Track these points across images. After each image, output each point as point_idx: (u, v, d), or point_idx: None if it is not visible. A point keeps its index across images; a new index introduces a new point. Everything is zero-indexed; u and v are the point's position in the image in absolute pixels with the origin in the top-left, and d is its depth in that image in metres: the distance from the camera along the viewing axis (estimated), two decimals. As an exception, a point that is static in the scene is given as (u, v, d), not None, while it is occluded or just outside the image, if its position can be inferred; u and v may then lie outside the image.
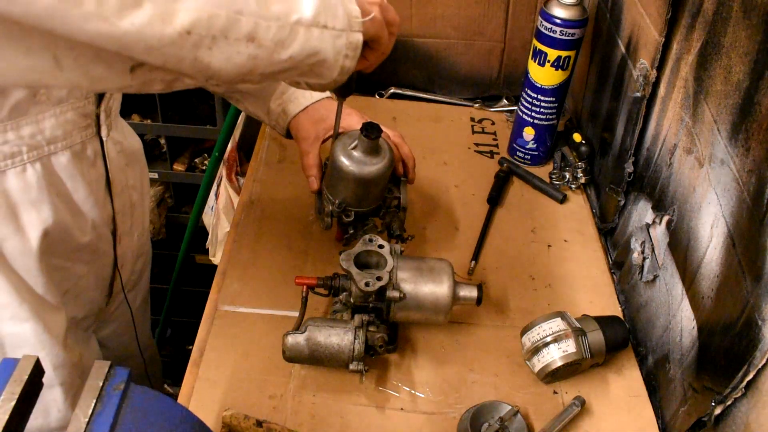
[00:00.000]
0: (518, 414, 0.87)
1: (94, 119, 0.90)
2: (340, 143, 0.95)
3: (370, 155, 0.93)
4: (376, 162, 0.93)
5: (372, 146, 0.92)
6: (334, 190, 0.97)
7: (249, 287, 1.05)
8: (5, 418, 0.54)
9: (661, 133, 1.02)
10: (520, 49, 1.46)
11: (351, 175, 0.93)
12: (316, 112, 1.04)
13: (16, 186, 0.82)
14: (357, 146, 0.93)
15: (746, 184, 0.76)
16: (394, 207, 1.02)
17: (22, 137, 0.81)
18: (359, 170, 0.93)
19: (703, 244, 0.86)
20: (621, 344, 0.97)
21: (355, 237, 1.00)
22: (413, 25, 1.45)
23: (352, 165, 0.93)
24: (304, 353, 0.88)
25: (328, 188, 0.99)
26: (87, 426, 0.55)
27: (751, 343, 0.72)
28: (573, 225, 1.23)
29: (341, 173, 0.94)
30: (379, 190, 0.99)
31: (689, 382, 0.86)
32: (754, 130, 0.75)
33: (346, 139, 0.95)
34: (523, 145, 1.32)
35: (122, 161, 0.99)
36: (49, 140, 0.84)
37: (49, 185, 0.86)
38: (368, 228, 1.01)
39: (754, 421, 0.71)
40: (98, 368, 0.60)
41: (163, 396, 0.65)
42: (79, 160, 0.89)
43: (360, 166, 0.93)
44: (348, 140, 0.94)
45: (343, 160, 0.93)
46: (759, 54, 0.74)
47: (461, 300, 0.94)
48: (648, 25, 1.03)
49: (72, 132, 0.86)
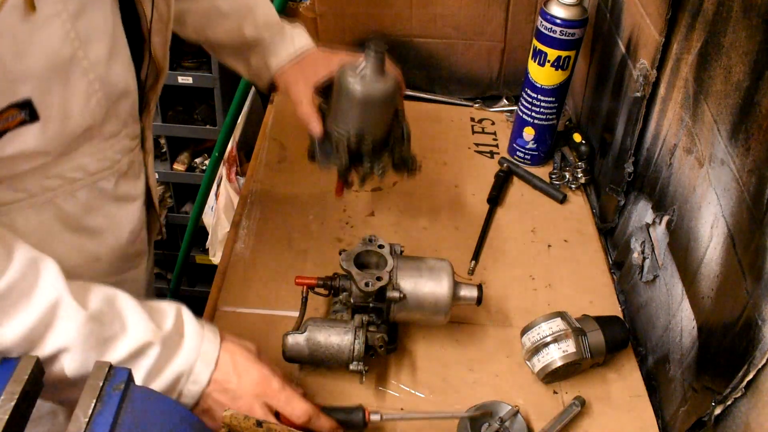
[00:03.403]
0: (518, 414, 0.87)
1: (141, 135, 0.90)
2: (345, 71, 0.92)
3: (380, 74, 0.90)
4: (388, 80, 0.91)
5: (380, 63, 0.90)
6: (344, 122, 0.94)
7: (249, 287, 1.05)
8: (5, 418, 0.54)
9: (661, 133, 1.02)
10: (520, 49, 1.46)
11: (366, 96, 0.90)
12: (300, 60, 1.03)
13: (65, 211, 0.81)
14: (366, 66, 0.90)
15: (746, 184, 0.76)
16: (399, 137, 0.98)
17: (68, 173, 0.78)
18: (374, 90, 0.90)
19: (703, 244, 0.86)
20: (621, 344, 0.97)
21: (371, 172, 0.97)
22: (413, 25, 1.45)
23: (367, 86, 0.90)
24: (304, 353, 0.88)
25: (337, 124, 0.95)
26: (87, 426, 0.55)
27: (751, 343, 0.72)
28: (573, 225, 1.23)
29: (354, 98, 0.91)
30: (390, 114, 0.96)
31: (689, 382, 0.86)
32: (754, 130, 0.75)
33: (349, 67, 0.92)
34: (523, 145, 1.32)
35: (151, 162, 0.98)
36: (99, 170, 0.82)
37: (96, 209, 0.84)
38: (384, 164, 0.97)
39: (754, 421, 0.71)
40: (98, 368, 0.60)
41: (163, 396, 0.65)
42: (124, 177, 0.87)
43: (374, 85, 0.90)
44: (352, 67, 0.91)
45: (355, 85, 0.90)
46: (759, 54, 0.74)
47: (461, 300, 0.94)
48: (648, 25, 1.03)
49: (122, 157, 0.85)
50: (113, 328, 0.70)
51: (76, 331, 0.67)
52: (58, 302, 0.67)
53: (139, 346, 0.70)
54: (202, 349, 0.75)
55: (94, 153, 0.80)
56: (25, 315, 0.65)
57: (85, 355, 0.68)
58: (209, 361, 0.75)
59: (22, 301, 0.65)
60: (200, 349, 0.75)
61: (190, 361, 0.74)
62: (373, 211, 1.21)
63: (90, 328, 0.68)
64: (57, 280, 0.68)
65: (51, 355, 0.67)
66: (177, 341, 0.74)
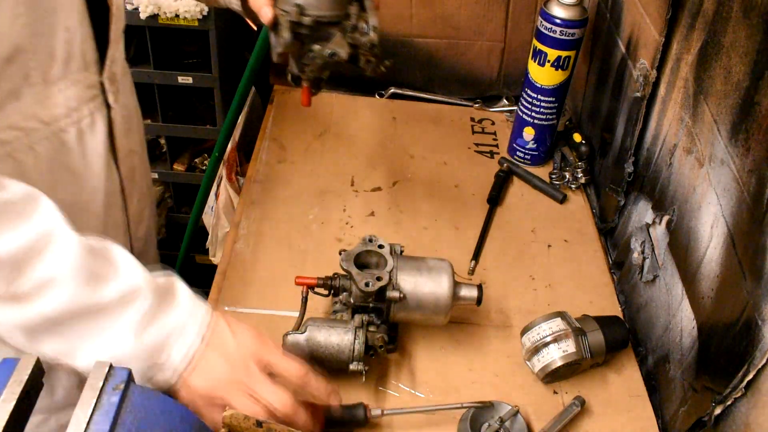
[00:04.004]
0: (518, 414, 0.87)
1: (99, 88, 0.87)
2: None
3: None
4: None
5: None
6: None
7: (249, 287, 1.05)
8: (5, 418, 0.54)
9: (661, 133, 1.02)
10: (520, 49, 1.46)
11: None
12: None
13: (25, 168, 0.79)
14: None
15: (746, 184, 0.76)
16: (361, 29, 0.88)
17: (21, 122, 0.77)
18: None
19: (703, 244, 0.86)
20: (621, 344, 0.97)
21: (320, 56, 0.88)
22: (413, 25, 1.45)
23: None
24: (304, 353, 0.88)
25: (283, 2, 0.86)
26: (87, 426, 0.55)
27: (751, 343, 0.72)
28: (573, 225, 1.23)
29: None
30: None
31: (689, 382, 0.86)
32: (754, 130, 0.75)
33: None
34: (523, 145, 1.32)
35: (125, 126, 0.96)
36: (54, 119, 0.81)
37: (60, 164, 0.83)
38: (333, 43, 0.87)
39: (754, 421, 0.71)
40: (98, 368, 0.60)
41: (163, 396, 0.65)
42: (89, 133, 0.86)
43: None
44: None
45: None
46: (759, 54, 0.74)
47: (461, 300, 0.94)
48: (648, 25, 1.03)
49: (79, 107, 0.84)
50: (105, 268, 0.68)
51: (69, 261, 0.65)
52: (54, 230, 0.66)
53: (130, 289, 0.68)
54: (194, 310, 0.73)
55: (40, 99, 0.78)
56: (18, 233, 0.64)
57: (75, 290, 0.66)
58: (201, 322, 0.73)
59: (17, 220, 0.64)
60: (192, 310, 0.73)
61: (183, 317, 0.72)
62: (373, 211, 1.21)
63: (83, 260, 0.66)
64: (54, 212, 0.67)
65: (40, 284, 0.65)
66: (169, 296, 0.72)
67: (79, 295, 0.66)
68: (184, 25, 1.86)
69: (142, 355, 0.70)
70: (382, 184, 1.27)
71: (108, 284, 0.68)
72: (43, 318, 0.66)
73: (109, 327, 0.69)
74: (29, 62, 0.75)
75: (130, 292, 0.69)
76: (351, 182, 1.26)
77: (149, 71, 1.93)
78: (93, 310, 0.68)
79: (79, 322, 0.68)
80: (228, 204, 1.72)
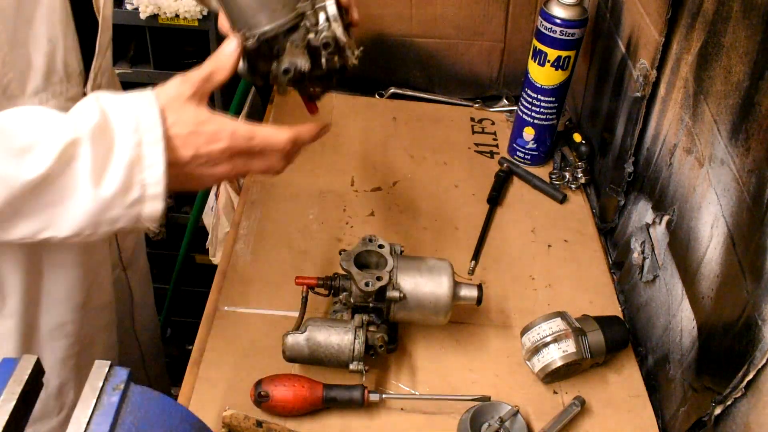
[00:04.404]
0: (518, 414, 0.87)
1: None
2: None
3: None
4: None
5: None
6: (234, 22, 0.74)
7: (249, 287, 1.05)
8: (5, 418, 0.54)
9: (661, 133, 1.02)
10: (520, 49, 1.46)
11: None
12: None
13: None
14: None
15: (746, 184, 0.76)
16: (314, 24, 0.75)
17: None
18: None
19: (703, 244, 0.86)
20: (621, 344, 0.97)
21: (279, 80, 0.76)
22: (413, 25, 1.45)
23: None
24: (304, 353, 0.88)
25: (233, 27, 0.75)
26: (87, 426, 0.55)
27: (751, 343, 0.72)
28: (573, 225, 1.23)
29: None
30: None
31: (689, 382, 0.86)
32: (754, 130, 0.75)
33: None
34: (523, 145, 1.32)
35: None
36: None
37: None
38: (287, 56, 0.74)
39: (754, 421, 0.71)
40: (98, 368, 0.60)
41: (163, 396, 0.65)
42: None
43: None
44: None
45: None
46: (759, 54, 0.74)
47: (461, 300, 0.94)
48: (648, 25, 1.03)
49: None
50: (23, 135, 0.61)
51: None
52: None
53: (63, 147, 0.61)
54: (142, 125, 0.64)
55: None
56: None
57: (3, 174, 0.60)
58: (155, 138, 0.64)
59: None
60: (139, 126, 0.64)
61: (132, 144, 0.64)
62: (373, 211, 1.21)
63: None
64: None
65: None
66: (107, 128, 0.64)
67: (8, 178, 0.60)
68: (184, 25, 1.86)
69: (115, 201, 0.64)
70: (382, 184, 1.27)
71: (35, 154, 0.61)
72: None
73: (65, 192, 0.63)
74: (7, 74, 0.74)
75: (64, 150, 0.61)
76: (351, 182, 1.26)
77: (149, 71, 1.93)
78: (35, 183, 0.61)
79: (31, 200, 0.63)
80: (228, 204, 1.71)
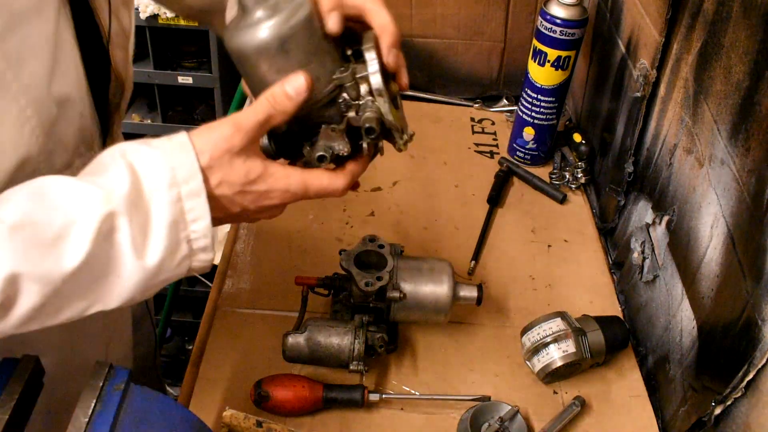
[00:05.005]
0: (518, 414, 0.87)
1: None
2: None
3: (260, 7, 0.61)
4: (278, 12, 0.61)
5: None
6: (256, 94, 0.65)
7: (249, 287, 1.05)
8: (5, 418, 0.54)
9: (661, 133, 1.02)
10: (520, 49, 1.46)
11: (238, 49, 0.62)
12: None
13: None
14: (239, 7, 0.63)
15: (746, 184, 0.76)
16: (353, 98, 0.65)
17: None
18: (245, 35, 0.61)
19: (703, 244, 0.86)
20: (621, 344, 0.97)
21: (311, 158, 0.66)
22: (413, 25, 1.45)
23: (235, 32, 0.62)
24: (304, 353, 0.88)
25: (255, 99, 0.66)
26: (87, 426, 0.55)
27: (751, 343, 0.72)
28: (573, 225, 1.23)
29: (236, 58, 0.64)
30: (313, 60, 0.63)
31: (689, 382, 0.86)
32: (754, 130, 0.75)
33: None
34: (523, 145, 1.32)
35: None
36: None
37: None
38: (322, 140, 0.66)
39: (754, 421, 0.71)
40: (98, 368, 0.60)
41: (163, 396, 0.65)
42: None
43: (246, 29, 0.61)
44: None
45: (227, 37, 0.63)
46: (759, 54, 0.74)
47: (461, 300, 0.94)
48: (648, 25, 1.03)
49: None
50: (55, 222, 0.56)
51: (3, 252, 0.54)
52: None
53: (98, 224, 0.57)
54: (178, 177, 0.60)
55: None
56: None
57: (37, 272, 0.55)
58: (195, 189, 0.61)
59: None
60: (175, 179, 0.60)
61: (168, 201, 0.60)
62: (373, 211, 1.21)
63: (19, 240, 0.55)
64: None
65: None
66: (140, 191, 0.59)
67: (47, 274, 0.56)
68: (184, 25, 1.86)
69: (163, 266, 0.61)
70: (382, 184, 1.27)
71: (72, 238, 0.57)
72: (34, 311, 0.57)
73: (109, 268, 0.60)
74: (40, 164, 0.66)
75: (101, 227, 0.57)
76: (351, 182, 1.26)
77: (149, 71, 1.93)
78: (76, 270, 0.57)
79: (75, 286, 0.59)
80: (228, 204, 1.71)
